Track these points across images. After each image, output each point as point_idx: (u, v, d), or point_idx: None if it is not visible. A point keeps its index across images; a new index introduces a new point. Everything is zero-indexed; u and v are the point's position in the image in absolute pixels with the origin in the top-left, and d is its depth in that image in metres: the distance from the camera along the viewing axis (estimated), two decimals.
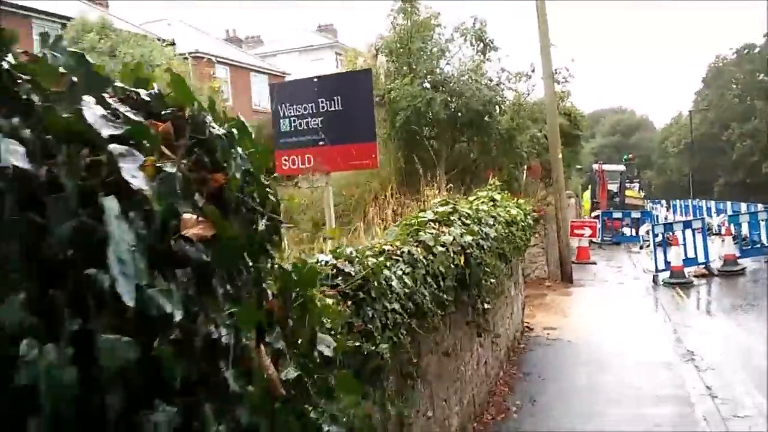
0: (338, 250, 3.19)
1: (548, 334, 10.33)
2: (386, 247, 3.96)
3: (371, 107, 6.41)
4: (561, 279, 15.48)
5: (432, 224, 4.85)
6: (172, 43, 31.05)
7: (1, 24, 1.18)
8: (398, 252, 3.98)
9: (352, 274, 2.94)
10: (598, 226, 21.46)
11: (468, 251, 5.00)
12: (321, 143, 6.46)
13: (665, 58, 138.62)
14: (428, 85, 14.67)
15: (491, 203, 7.68)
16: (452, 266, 4.55)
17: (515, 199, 9.42)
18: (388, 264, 3.71)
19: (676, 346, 9.51)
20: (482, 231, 5.82)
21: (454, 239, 4.80)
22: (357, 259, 3.12)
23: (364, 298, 2.94)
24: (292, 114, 6.57)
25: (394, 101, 14.06)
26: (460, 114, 14.46)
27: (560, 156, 15.55)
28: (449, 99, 14.42)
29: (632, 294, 14.09)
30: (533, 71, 15.96)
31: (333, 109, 6.39)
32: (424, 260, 4.09)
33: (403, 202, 11.87)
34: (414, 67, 14.76)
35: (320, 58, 42.09)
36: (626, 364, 8.69)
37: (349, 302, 2.87)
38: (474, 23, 15.44)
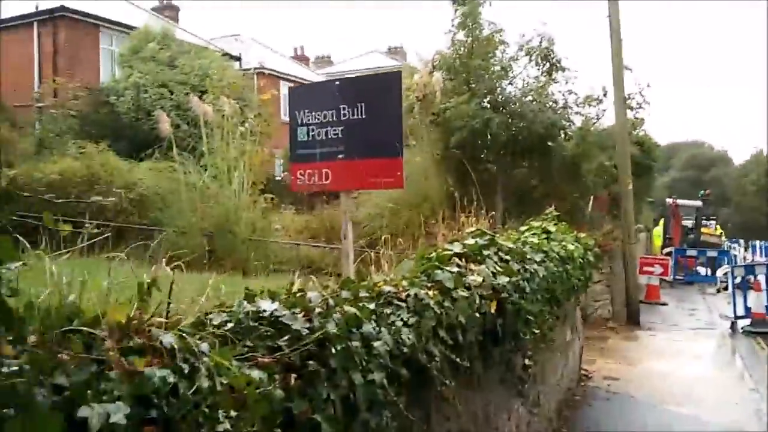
0: (299, 295, 2.28)
1: (608, 385, 9.18)
2: (387, 288, 3.04)
3: (399, 117, 5.39)
4: (626, 321, 14.22)
5: (458, 259, 3.89)
6: (238, 58, 31.15)
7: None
8: (402, 295, 3.05)
9: (303, 333, 2.02)
10: (670, 263, 19.96)
11: (503, 295, 4.01)
12: (340, 156, 5.55)
13: (746, 91, 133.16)
14: (488, 105, 13.66)
15: (544, 236, 6.66)
16: (478, 315, 3.57)
17: (575, 232, 8.32)
18: (385, 312, 2.79)
19: (757, 409, 8.23)
20: (526, 270, 4.80)
21: (484, 280, 3.82)
22: (320, 309, 2.20)
23: (316, 370, 2.01)
24: (311, 122, 5.66)
25: (449, 120, 13.12)
26: (520, 137, 13.38)
27: (630, 187, 14.31)
28: (509, 120, 13.36)
29: (706, 342, 12.72)
30: (605, 95, 14.76)
31: (355, 117, 5.49)
32: (437, 307, 3.14)
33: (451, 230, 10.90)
34: (473, 85, 13.79)
35: None
36: (696, 430, 7.50)
37: (294, 376, 1.95)
38: (540, 42, 14.40)
